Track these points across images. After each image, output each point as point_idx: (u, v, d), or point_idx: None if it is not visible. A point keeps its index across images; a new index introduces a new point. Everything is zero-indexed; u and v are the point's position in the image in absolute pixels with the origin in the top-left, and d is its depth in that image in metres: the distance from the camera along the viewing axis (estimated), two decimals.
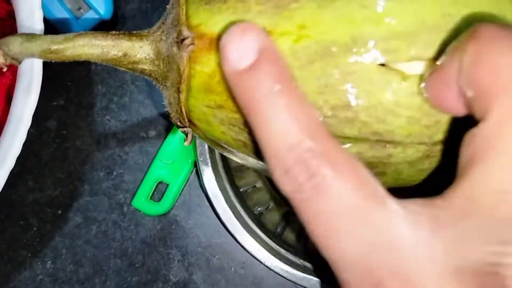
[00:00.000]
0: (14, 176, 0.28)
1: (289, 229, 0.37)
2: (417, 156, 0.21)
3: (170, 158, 0.36)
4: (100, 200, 0.38)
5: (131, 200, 0.38)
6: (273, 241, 0.35)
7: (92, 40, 0.23)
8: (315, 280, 0.34)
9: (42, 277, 0.38)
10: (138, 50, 0.23)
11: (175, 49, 0.22)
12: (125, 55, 0.23)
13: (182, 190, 0.38)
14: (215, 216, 0.37)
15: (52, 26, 0.37)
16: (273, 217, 0.37)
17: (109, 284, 0.38)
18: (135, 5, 0.40)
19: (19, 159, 0.28)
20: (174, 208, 0.38)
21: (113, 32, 0.24)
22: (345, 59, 0.19)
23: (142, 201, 0.37)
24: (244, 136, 0.22)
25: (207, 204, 0.38)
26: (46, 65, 0.30)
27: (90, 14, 0.38)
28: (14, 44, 0.24)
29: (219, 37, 0.20)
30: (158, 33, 0.23)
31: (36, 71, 0.29)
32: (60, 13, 0.37)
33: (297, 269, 0.34)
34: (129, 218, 0.38)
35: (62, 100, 0.39)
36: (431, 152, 0.21)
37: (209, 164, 0.34)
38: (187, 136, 0.24)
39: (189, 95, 0.22)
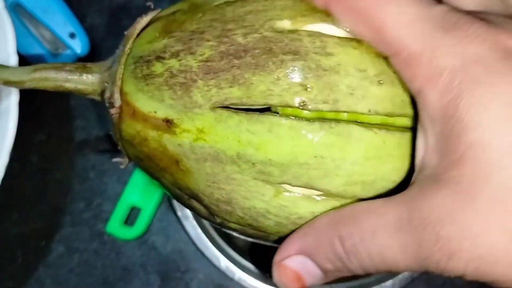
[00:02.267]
0: None
1: (257, 247, 0.39)
2: None
3: (142, 183, 0.38)
4: (81, 230, 0.40)
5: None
6: (242, 256, 0.36)
7: (46, 74, 0.26)
8: None
9: None
10: (89, 85, 0.26)
11: (108, 104, 0.25)
12: (76, 88, 0.26)
13: (156, 214, 0.39)
14: (192, 241, 0.38)
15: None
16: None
17: None
18: (111, 43, 0.42)
19: (3, 193, 0.30)
20: (153, 235, 0.40)
21: (69, 65, 0.26)
22: (230, 167, 0.22)
23: (115, 226, 0.38)
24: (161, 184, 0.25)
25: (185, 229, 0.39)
26: (29, 101, 0.31)
27: (68, 53, 0.40)
28: None
29: (139, 112, 0.23)
30: (107, 74, 0.25)
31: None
32: (39, 52, 0.39)
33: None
34: (109, 247, 0.40)
35: (44, 135, 0.41)
36: None
37: None
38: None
39: (121, 139, 0.25)
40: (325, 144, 0.21)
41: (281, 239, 0.25)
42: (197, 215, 0.27)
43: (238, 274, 0.37)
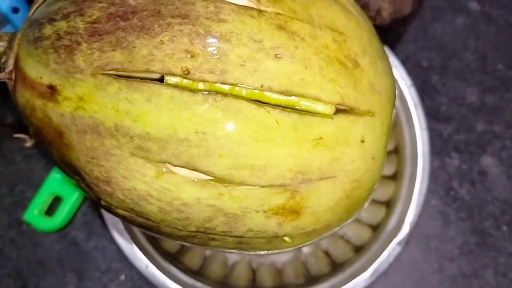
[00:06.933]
0: None
1: (186, 251, 0.36)
2: (181, 234, 0.22)
3: None
4: None
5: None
6: (168, 261, 0.33)
7: None
8: None
9: None
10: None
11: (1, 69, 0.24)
12: None
13: (81, 207, 0.37)
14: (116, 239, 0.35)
15: None
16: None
17: None
18: None
19: None
20: (75, 229, 0.37)
21: None
22: (109, 141, 0.20)
23: (34, 215, 0.35)
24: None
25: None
26: None
27: (9, 29, 0.38)
28: None
29: (28, 78, 0.22)
30: (14, 42, 0.24)
31: None
32: None
33: None
34: (27, 237, 0.37)
35: None
36: (195, 235, 0.22)
37: None
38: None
39: (20, 111, 0.23)
40: (208, 119, 0.19)
41: (174, 234, 0.23)
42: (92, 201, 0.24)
43: (163, 279, 0.34)
